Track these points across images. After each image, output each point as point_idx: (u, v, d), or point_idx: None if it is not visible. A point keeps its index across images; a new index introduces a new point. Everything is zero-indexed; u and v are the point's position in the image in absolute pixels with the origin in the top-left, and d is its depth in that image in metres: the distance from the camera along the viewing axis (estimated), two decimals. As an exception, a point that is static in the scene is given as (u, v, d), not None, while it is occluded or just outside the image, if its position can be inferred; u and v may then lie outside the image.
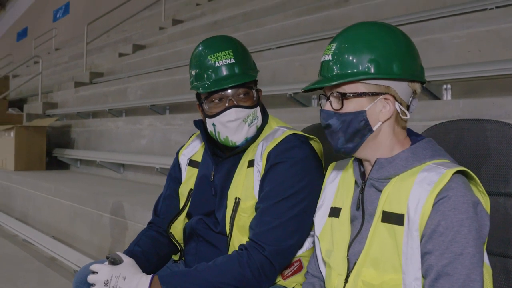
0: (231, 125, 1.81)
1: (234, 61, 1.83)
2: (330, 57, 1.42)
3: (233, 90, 1.82)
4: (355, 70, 1.38)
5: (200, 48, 1.90)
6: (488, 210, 1.35)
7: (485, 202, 1.36)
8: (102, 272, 1.68)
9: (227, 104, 1.81)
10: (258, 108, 1.87)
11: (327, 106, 1.44)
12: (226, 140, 1.84)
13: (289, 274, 1.78)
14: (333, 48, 1.42)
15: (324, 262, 1.56)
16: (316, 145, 1.86)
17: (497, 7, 4.14)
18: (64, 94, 9.88)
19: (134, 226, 3.94)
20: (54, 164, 7.76)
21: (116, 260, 1.72)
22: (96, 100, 8.70)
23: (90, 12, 16.33)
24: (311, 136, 1.86)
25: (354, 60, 1.38)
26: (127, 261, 1.73)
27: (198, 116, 5.41)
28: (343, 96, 1.39)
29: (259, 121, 1.87)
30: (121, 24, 12.30)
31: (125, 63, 9.94)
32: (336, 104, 1.42)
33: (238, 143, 1.84)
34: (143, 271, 1.74)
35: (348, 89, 1.40)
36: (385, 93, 1.39)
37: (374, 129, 1.40)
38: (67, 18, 19.82)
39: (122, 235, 4.10)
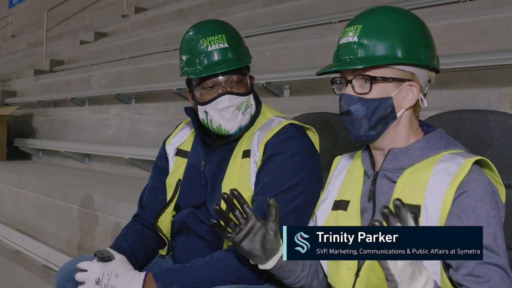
0: (225, 113, 1.73)
1: (228, 46, 1.75)
2: (355, 39, 1.35)
3: (226, 76, 1.74)
4: (384, 53, 1.33)
5: (191, 33, 1.82)
6: (504, 200, 1.33)
7: (501, 192, 1.34)
8: (93, 269, 1.59)
9: (220, 91, 1.73)
10: (251, 96, 1.80)
11: (349, 90, 1.37)
12: (219, 129, 1.76)
13: (285, 268, 1.73)
14: (358, 30, 1.35)
15: None
16: (313, 135, 1.81)
17: (470, 0, 4.17)
18: (23, 82, 9.60)
19: (105, 218, 3.82)
20: (15, 154, 7.53)
21: (105, 257, 1.64)
22: (57, 88, 8.47)
23: (48, -2, 15.90)
24: (307, 126, 1.81)
25: (383, 44, 1.33)
26: (119, 257, 1.64)
27: (170, 105, 5.37)
28: (373, 79, 1.34)
29: (252, 109, 1.80)
30: (81, 11, 12.01)
31: (87, 51, 9.71)
32: (360, 88, 1.36)
33: (231, 132, 1.76)
34: (130, 267, 1.66)
35: (376, 73, 1.34)
36: (411, 80, 1.35)
37: (397, 116, 1.36)
38: (24, 4, 19.23)
39: (92, 228, 3.98)
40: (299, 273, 1.50)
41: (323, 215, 1.53)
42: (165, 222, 1.91)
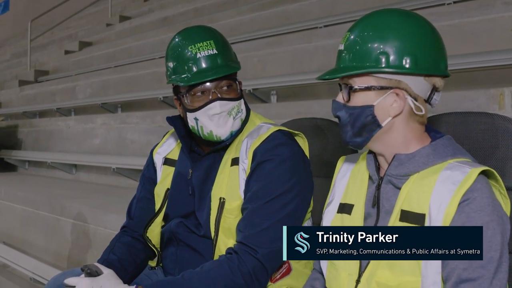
0: (216, 119, 1.71)
1: (216, 52, 1.73)
2: (342, 47, 1.36)
3: (216, 82, 1.72)
4: (365, 63, 1.31)
5: (177, 39, 1.79)
6: (508, 213, 1.30)
7: (506, 205, 1.30)
8: (81, 285, 1.55)
9: (210, 97, 1.71)
10: (242, 101, 1.78)
11: (339, 97, 1.38)
12: (210, 135, 1.73)
13: (278, 277, 1.70)
14: (347, 37, 1.35)
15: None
16: (302, 141, 1.79)
17: (455, 2, 4.18)
18: (7, 93, 9.52)
19: (95, 230, 3.77)
20: (0, 166, 7.44)
21: (93, 272, 1.60)
22: (42, 99, 8.40)
23: (32, 9, 15.79)
24: (296, 132, 1.79)
25: (365, 52, 1.31)
26: (107, 272, 1.61)
27: (157, 113, 5.33)
28: (350, 89, 1.33)
29: (243, 114, 1.78)
30: (65, 21, 11.95)
31: (72, 60, 9.63)
32: (345, 96, 1.36)
33: (223, 137, 1.74)
34: (119, 280, 1.63)
35: (358, 81, 1.33)
36: (395, 88, 1.32)
37: (383, 124, 1.33)
38: (7, 15, 19.13)
39: (80, 240, 3.93)
40: None
41: (329, 217, 1.51)
42: (154, 232, 1.88)
